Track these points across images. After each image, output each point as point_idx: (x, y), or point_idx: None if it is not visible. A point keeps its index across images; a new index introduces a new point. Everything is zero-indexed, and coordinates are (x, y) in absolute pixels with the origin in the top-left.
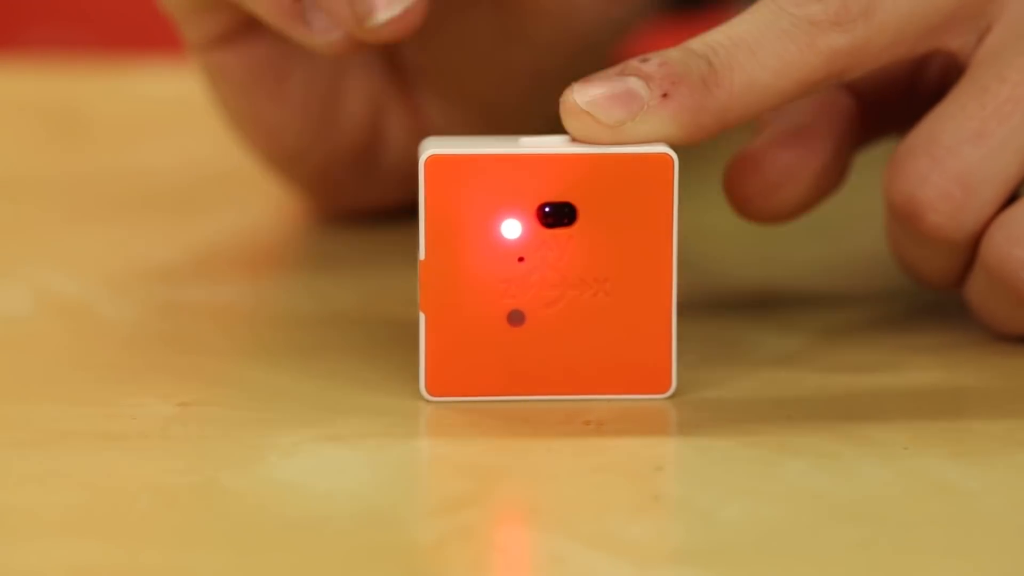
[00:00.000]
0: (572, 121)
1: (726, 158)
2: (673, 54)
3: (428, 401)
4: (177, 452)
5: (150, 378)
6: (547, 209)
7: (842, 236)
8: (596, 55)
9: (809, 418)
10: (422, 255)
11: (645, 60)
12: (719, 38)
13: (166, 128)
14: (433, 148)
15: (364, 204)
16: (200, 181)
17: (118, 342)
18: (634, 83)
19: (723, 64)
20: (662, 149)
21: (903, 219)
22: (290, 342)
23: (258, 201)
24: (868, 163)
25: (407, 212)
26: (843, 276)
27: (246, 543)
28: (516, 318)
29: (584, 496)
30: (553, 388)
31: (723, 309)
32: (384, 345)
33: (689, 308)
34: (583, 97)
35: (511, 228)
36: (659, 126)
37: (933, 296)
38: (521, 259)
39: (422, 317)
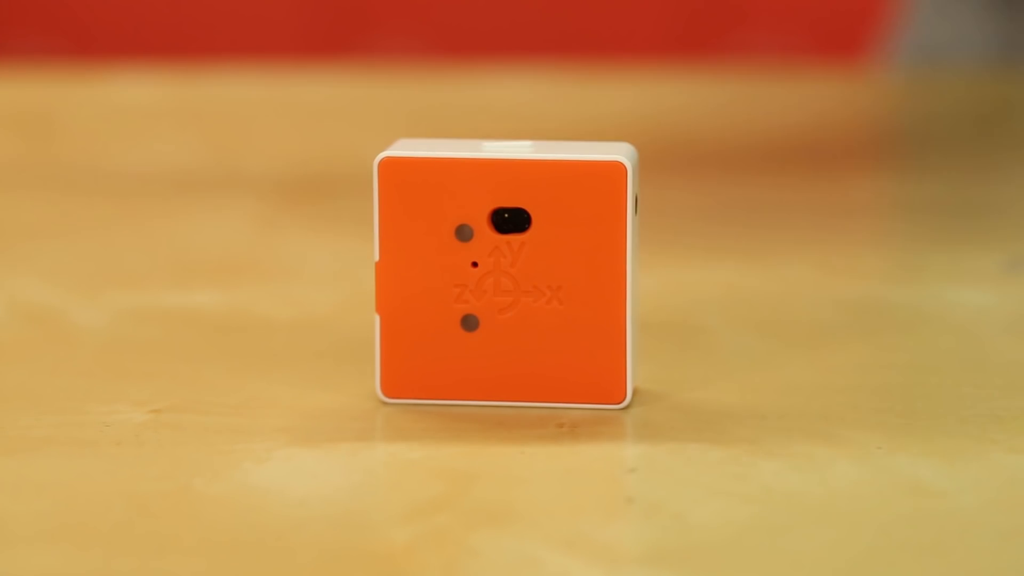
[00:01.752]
0: None
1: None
2: None
3: (384, 403)
4: (150, 459)
5: (123, 385)
6: (505, 215)
7: (825, 238)
8: None
9: (782, 419)
10: (376, 256)
11: None
12: None
13: (140, 135)
14: (388, 150)
15: None
16: (173, 188)
17: (91, 349)
18: None
19: None
20: (616, 157)
21: None
22: (263, 348)
23: (231, 208)
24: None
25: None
26: (820, 278)
27: (220, 549)
28: (470, 323)
29: (557, 499)
30: (508, 394)
31: (697, 311)
32: (358, 351)
33: (662, 310)
34: None
35: (464, 232)
36: None
37: (906, 299)
38: (475, 264)
39: (377, 319)
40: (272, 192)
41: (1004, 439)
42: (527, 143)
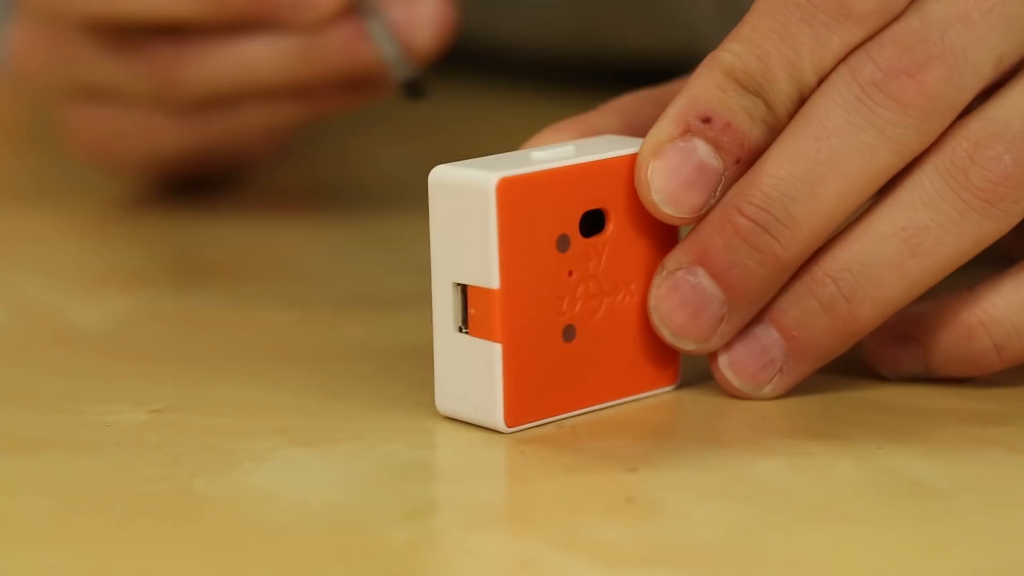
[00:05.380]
0: None
1: None
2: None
3: (506, 433)
4: (151, 459)
5: (123, 385)
6: (586, 217)
7: None
8: None
9: (782, 418)
10: (497, 284)
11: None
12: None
13: None
14: (489, 171)
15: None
16: (174, 189)
17: (91, 349)
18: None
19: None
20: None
21: None
22: (263, 349)
23: (231, 209)
24: None
25: (382, 219)
26: None
27: (220, 549)
28: (569, 333)
29: (557, 499)
30: (603, 396)
31: None
32: (356, 351)
33: None
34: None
35: (563, 242)
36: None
37: None
38: (570, 272)
39: (498, 348)
40: (273, 192)
41: (1004, 439)
42: (570, 146)
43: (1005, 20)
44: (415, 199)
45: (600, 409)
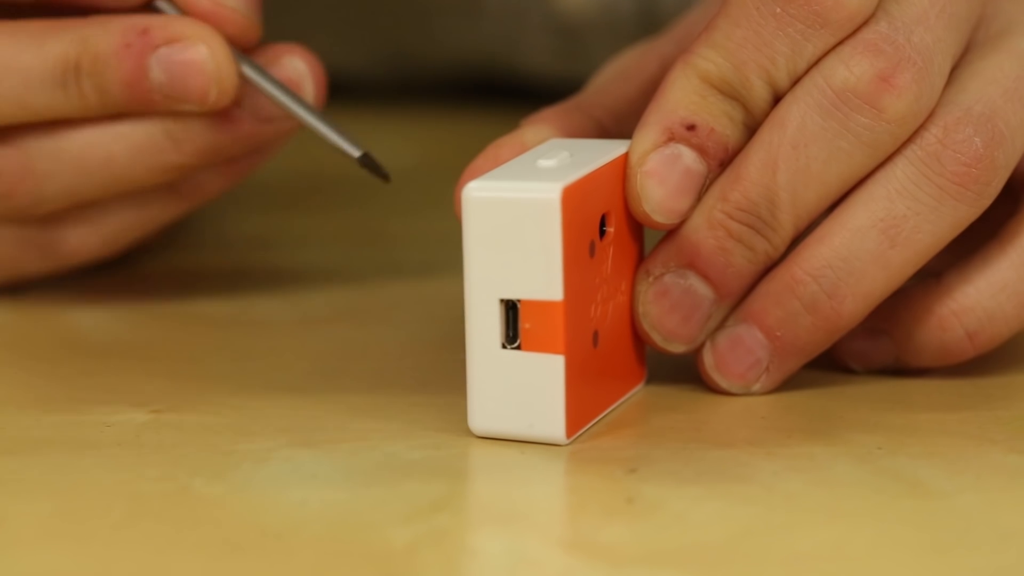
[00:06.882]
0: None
1: None
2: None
3: (565, 445)
4: (151, 459)
5: (123, 386)
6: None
7: None
8: None
9: (782, 418)
10: (559, 296)
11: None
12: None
13: None
14: (542, 182)
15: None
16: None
17: (92, 350)
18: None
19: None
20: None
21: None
22: (263, 349)
23: (232, 211)
24: None
25: (382, 218)
26: None
27: (220, 549)
28: (595, 339)
29: (558, 499)
30: (609, 401)
31: None
32: (356, 352)
33: None
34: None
35: (592, 248)
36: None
37: None
38: (595, 277)
39: (560, 359)
40: (273, 192)
41: (1004, 439)
42: (564, 151)
43: (955, 20)
44: (413, 197)
45: (605, 415)
